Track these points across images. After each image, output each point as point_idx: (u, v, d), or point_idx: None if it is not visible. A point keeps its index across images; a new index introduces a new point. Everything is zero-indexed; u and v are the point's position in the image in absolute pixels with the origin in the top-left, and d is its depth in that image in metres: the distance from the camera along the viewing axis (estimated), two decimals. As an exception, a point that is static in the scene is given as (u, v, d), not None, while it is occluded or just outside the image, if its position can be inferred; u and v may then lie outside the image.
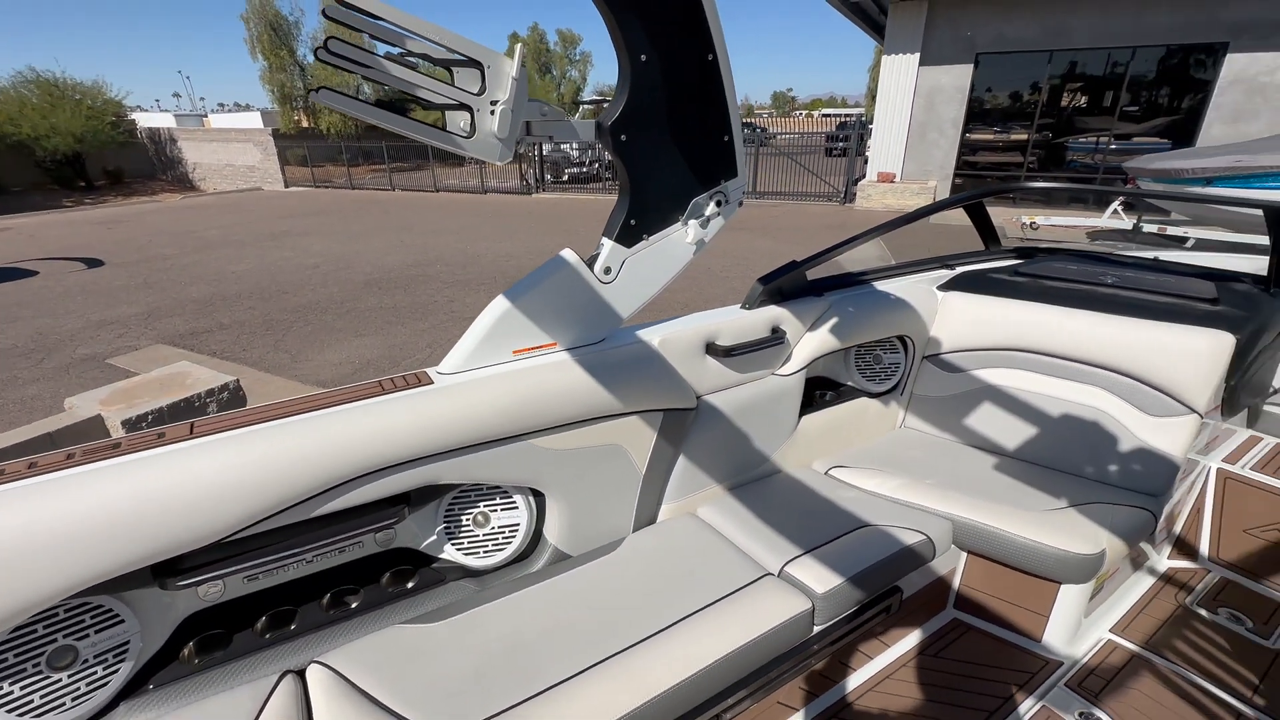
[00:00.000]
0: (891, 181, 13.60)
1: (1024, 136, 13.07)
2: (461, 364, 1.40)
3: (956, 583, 1.84)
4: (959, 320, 2.19)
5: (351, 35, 1.04)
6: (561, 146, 18.67)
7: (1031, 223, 9.53)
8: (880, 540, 1.62)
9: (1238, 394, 2.00)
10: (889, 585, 1.61)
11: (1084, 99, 12.65)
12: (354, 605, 1.39)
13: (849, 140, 14.64)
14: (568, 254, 1.44)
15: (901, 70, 13.08)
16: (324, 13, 0.96)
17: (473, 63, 1.09)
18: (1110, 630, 1.81)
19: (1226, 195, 7.59)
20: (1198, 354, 1.81)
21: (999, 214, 10.67)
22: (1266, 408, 2.34)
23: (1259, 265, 2.53)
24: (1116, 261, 2.45)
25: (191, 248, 11.08)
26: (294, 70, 26.19)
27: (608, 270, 1.46)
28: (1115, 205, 9.50)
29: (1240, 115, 10.87)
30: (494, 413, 1.35)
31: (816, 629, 1.46)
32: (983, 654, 1.71)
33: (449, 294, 7.39)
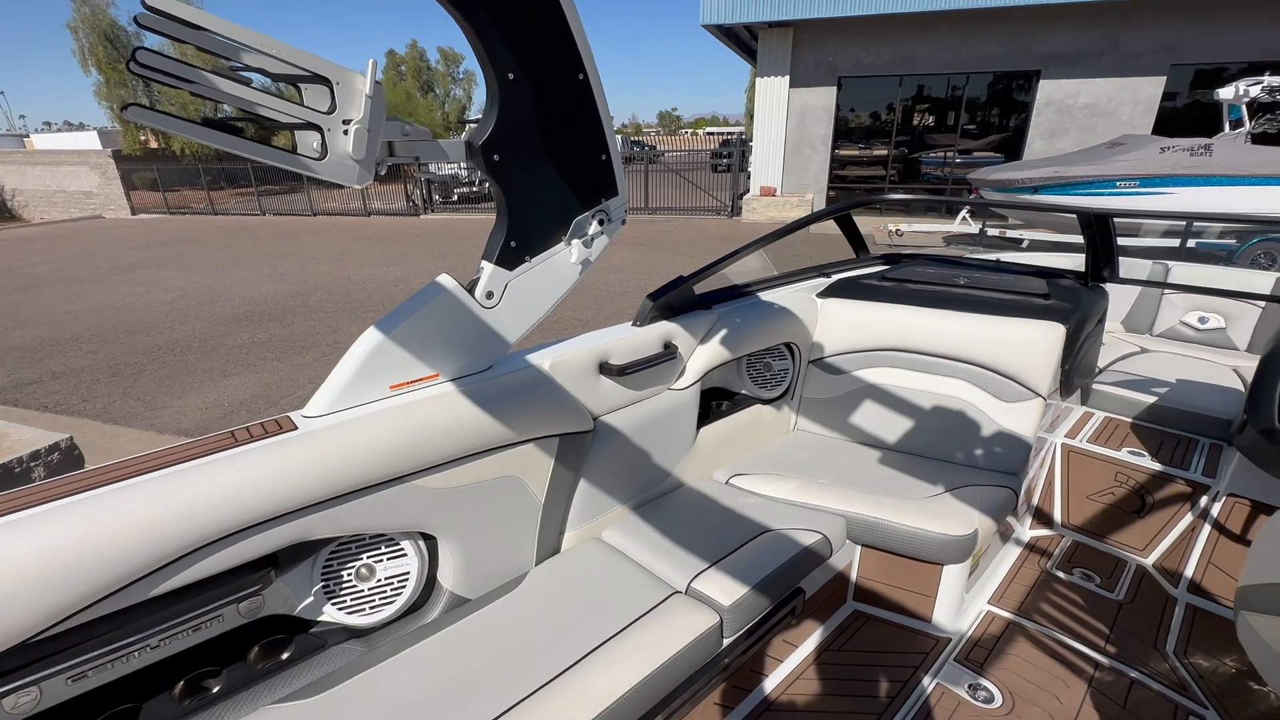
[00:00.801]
0: (773, 195, 14.42)
1: (885, 152, 14.37)
2: (330, 404, 1.28)
3: (854, 576, 1.92)
4: (838, 325, 2.32)
5: (182, 47, 0.92)
6: (449, 165, 18.15)
7: (897, 230, 10.47)
8: (781, 544, 1.66)
9: (1071, 376, 2.27)
10: (792, 587, 1.66)
11: (931, 118, 14.14)
12: (215, 690, 1.22)
13: (732, 157, 15.43)
14: (445, 280, 1.36)
15: (774, 92, 13.96)
16: (136, 20, 0.85)
17: (319, 79, 1.01)
18: (988, 602, 1.97)
19: (1049, 202, 8.75)
20: (1036, 343, 2.03)
21: (868, 223, 11.63)
22: (1095, 386, 2.68)
23: (1079, 262, 2.91)
24: (966, 264, 2.71)
25: (13, 287, 9.61)
26: (136, 85, 23.64)
27: (490, 295, 1.40)
28: (963, 213, 10.67)
29: (1055, 132, 12.59)
30: (371, 456, 1.24)
31: (726, 641, 1.47)
32: (882, 641, 1.80)
33: (332, 324, 6.90)
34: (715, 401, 2.20)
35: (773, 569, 1.57)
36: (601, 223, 1.51)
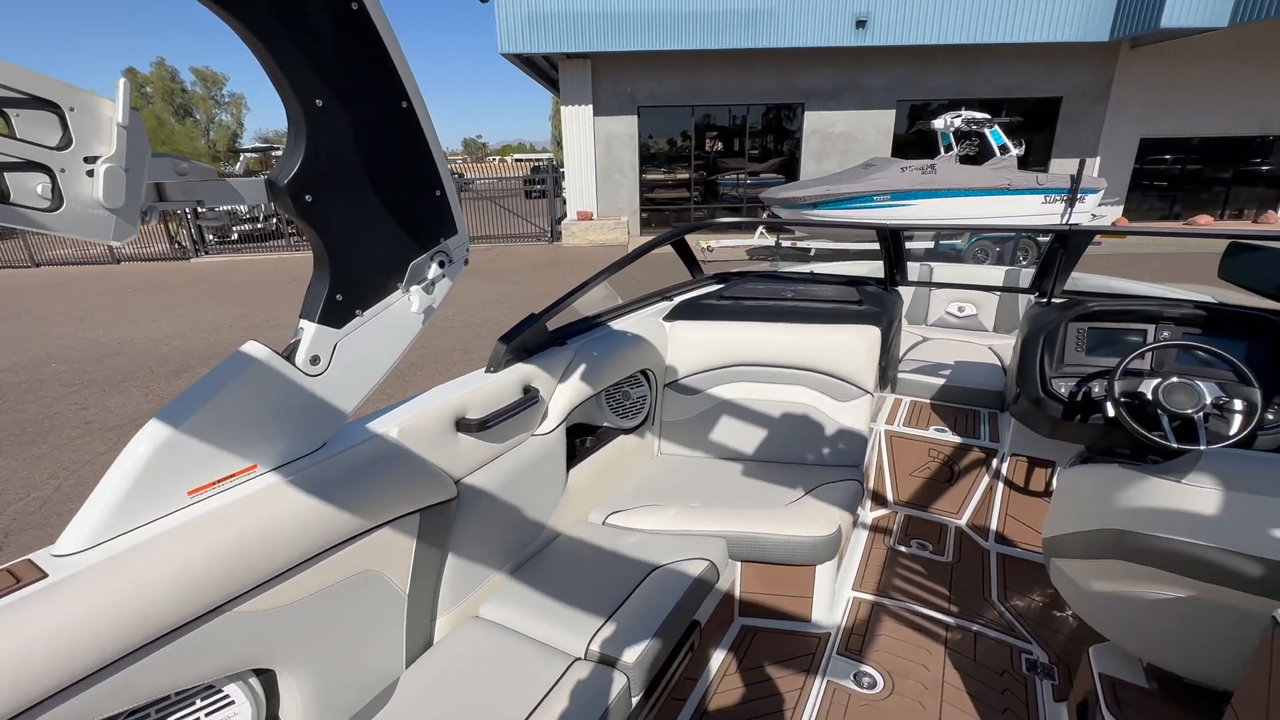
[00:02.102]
0: (590, 219, 14.78)
1: (686, 175, 15.52)
2: (98, 532, 0.95)
3: (738, 593, 1.95)
4: (687, 346, 2.38)
5: None
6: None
7: (709, 246, 11.32)
8: (672, 581, 1.62)
9: (886, 370, 2.58)
10: (689, 622, 1.62)
11: (721, 144, 15.62)
12: None
13: (546, 183, 15.54)
14: (253, 348, 1.11)
15: (580, 120, 14.38)
16: None
17: (42, 103, 0.74)
18: (852, 589, 2.12)
19: (849, 219, 10.16)
20: (859, 346, 2.26)
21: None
22: (899, 375, 3.07)
23: (866, 269, 3.35)
24: (789, 278, 2.96)
25: None
26: None
27: (315, 360, 1.17)
28: (760, 229, 11.93)
29: (821, 156, 14.65)
30: (170, 590, 0.95)
31: (635, 700, 1.38)
32: (772, 651, 1.84)
33: (78, 398, 5.53)
34: (579, 440, 2.11)
35: (670, 609, 1.51)
36: (442, 265, 1.35)
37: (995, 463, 2.58)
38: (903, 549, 2.35)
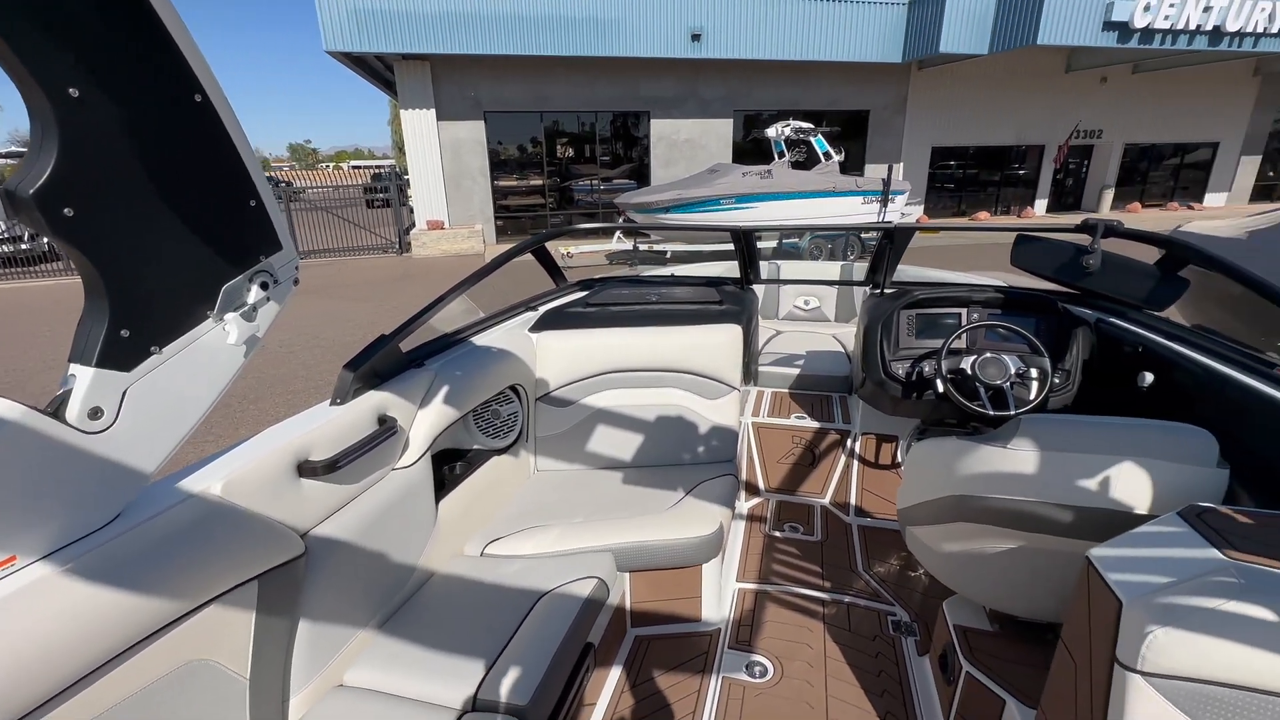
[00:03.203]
0: (442, 228, 14.07)
1: (540, 182, 15.35)
2: None
3: (629, 604, 1.91)
4: (556, 357, 2.30)
5: None
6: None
7: (568, 252, 11.28)
8: (561, 606, 1.54)
9: (749, 365, 2.69)
10: (583, 645, 1.55)
11: (573, 151, 15.66)
12: None
13: (389, 192, 14.52)
14: (4, 407, 0.86)
15: (422, 124, 13.63)
16: None
17: None
18: (736, 581, 2.18)
19: (702, 221, 10.59)
20: (724, 344, 2.34)
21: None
22: (760, 369, 3.24)
23: (731, 268, 3.50)
24: (651, 282, 3.00)
25: None
26: None
27: (95, 413, 0.94)
28: (618, 233, 12.12)
29: (669, 162, 15.24)
30: None
31: None
32: (666, 658, 1.82)
33: None
34: (448, 467, 1.95)
35: (561, 637, 1.43)
36: (265, 286, 1.16)
37: (849, 442, 2.80)
38: (777, 534, 2.46)
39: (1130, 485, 1.26)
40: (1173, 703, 0.81)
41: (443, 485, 1.85)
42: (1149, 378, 1.85)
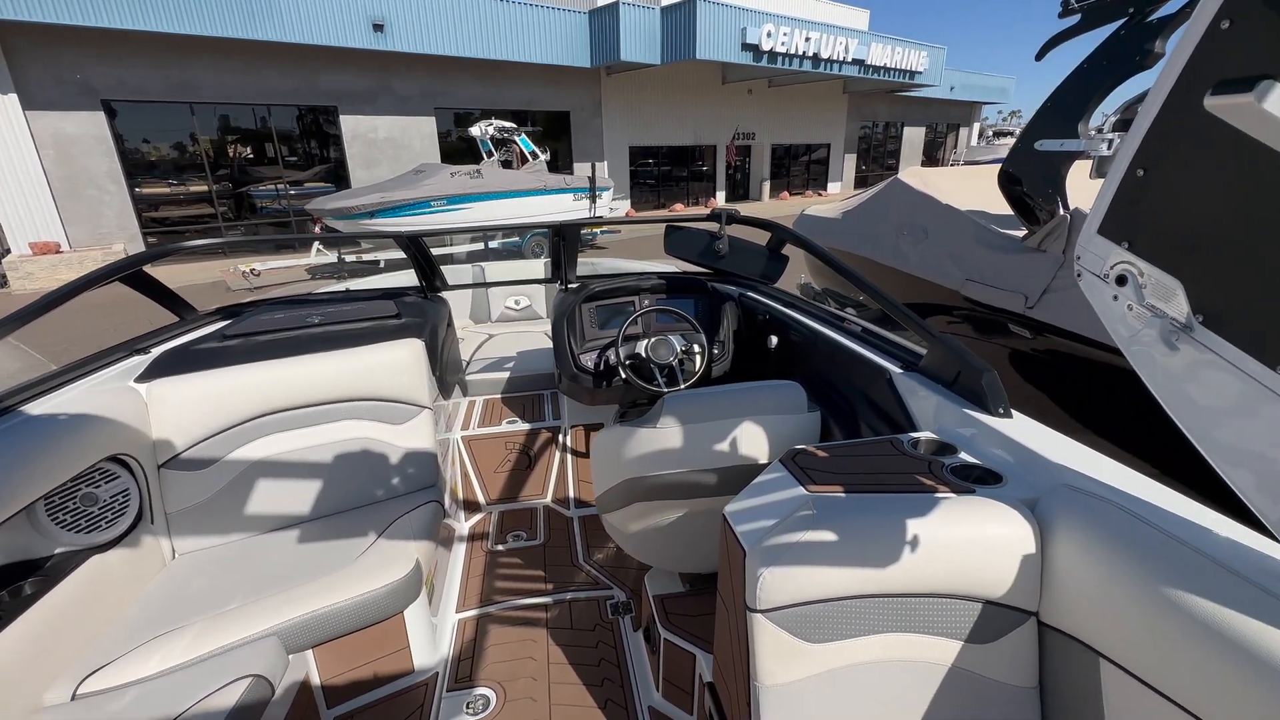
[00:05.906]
0: (58, 252, 10.70)
1: (205, 187, 12.65)
2: None
3: (318, 682, 1.62)
4: (181, 409, 1.83)
5: None
6: None
7: (252, 269, 9.52)
8: None
9: (444, 379, 2.52)
10: None
11: (249, 150, 13.23)
12: None
13: (-47, 207, 10.47)
14: None
15: (-2, 115, 10.09)
16: None
17: None
18: (455, 613, 2.03)
19: (372, 229, 9.73)
20: (403, 362, 2.12)
21: (212, 269, 10.14)
22: (468, 378, 3.09)
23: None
24: (315, 300, 2.60)
25: None
26: None
27: None
28: (316, 245, 10.66)
29: (369, 162, 13.92)
30: None
31: None
32: None
33: None
34: (6, 589, 1.40)
35: None
36: None
37: (561, 437, 2.84)
38: (501, 548, 2.37)
39: (752, 441, 1.45)
40: (784, 629, 0.92)
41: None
42: (774, 341, 2.21)
